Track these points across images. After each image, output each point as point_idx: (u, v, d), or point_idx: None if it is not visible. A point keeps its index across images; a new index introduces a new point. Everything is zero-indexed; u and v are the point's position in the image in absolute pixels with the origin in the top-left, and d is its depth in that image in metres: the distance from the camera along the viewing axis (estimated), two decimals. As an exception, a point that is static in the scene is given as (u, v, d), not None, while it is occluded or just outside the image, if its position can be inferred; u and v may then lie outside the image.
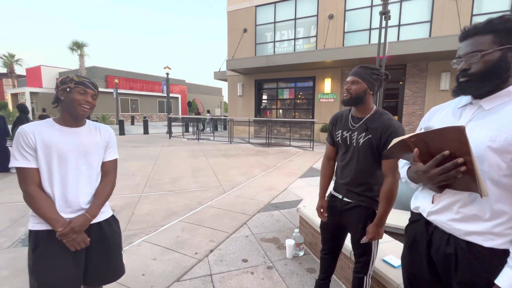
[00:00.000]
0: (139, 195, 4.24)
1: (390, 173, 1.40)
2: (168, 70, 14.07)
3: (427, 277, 0.98)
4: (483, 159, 0.80)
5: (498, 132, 0.79)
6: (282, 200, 4.08)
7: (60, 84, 1.22)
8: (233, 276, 2.20)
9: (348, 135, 1.53)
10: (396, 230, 2.35)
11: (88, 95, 1.24)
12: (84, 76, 1.26)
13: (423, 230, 0.99)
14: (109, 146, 1.39)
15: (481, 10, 8.78)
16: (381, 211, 1.41)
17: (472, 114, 0.89)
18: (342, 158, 1.59)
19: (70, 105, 1.21)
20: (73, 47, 21.87)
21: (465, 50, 0.88)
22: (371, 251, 1.52)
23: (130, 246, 2.64)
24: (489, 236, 0.81)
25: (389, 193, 1.39)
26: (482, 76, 0.84)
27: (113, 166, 1.41)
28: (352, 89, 1.44)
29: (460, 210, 0.86)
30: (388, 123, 1.40)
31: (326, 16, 11.00)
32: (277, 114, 13.41)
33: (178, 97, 30.52)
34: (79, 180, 1.25)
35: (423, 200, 1.00)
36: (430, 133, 0.78)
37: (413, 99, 10.02)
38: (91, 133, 1.31)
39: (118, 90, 20.25)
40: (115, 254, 1.36)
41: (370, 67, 1.46)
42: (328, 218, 1.68)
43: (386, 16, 5.84)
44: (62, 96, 1.21)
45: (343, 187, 1.59)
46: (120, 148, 8.90)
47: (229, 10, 13.29)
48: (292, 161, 7.17)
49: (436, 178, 0.79)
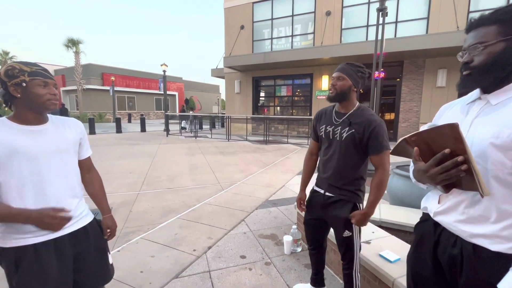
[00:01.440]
0: (137, 193, 4.23)
1: (379, 167, 1.47)
2: (165, 68, 13.97)
3: (431, 277, 0.95)
4: (486, 156, 0.77)
5: (502, 128, 0.75)
6: (280, 197, 4.10)
7: (6, 78, 0.98)
8: (231, 272, 2.21)
9: (331, 129, 1.57)
10: (392, 225, 2.38)
11: (50, 86, 1.06)
12: (32, 63, 1.06)
13: (431, 230, 0.97)
14: (84, 142, 1.27)
15: (477, 7, 8.80)
16: (371, 199, 1.47)
17: (479, 110, 0.85)
18: (325, 152, 1.64)
19: (35, 103, 1.03)
20: (68, 44, 21.60)
21: (469, 42, 0.84)
22: (353, 246, 1.56)
23: (128, 243, 2.64)
24: (497, 240, 0.77)
25: (379, 183, 1.46)
26: (484, 69, 0.80)
27: (91, 161, 1.34)
28: (338, 85, 1.50)
29: (465, 210, 0.83)
30: (371, 118, 1.46)
31: (323, 12, 10.97)
32: (274, 111, 13.40)
33: (175, 95, 30.39)
34: (57, 184, 1.09)
35: (431, 200, 0.98)
36: (429, 132, 0.76)
37: (410, 96, 10.06)
38: (59, 129, 1.14)
39: (114, 88, 20.11)
40: (103, 256, 1.28)
41: (355, 64, 1.52)
42: (310, 213, 1.73)
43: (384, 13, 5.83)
44: (16, 94, 1.00)
45: (325, 181, 1.63)
46: (118, 146, 8.88)
47: (226, 6, 13.20)
48: (289, 158, 7.19)
49: (436, 177, 0.76)
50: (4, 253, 1.03)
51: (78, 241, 1.16)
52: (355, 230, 1.55)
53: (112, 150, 8.08)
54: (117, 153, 7.54)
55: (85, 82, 22.28)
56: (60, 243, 1.10)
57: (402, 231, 2.33)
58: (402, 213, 2.55)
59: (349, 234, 1.54)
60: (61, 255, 1.10)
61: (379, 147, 1.43)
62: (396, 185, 2.94)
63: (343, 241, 1.57)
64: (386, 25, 5.95)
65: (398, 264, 1.71)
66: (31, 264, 1.03)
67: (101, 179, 1.38)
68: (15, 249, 1.02)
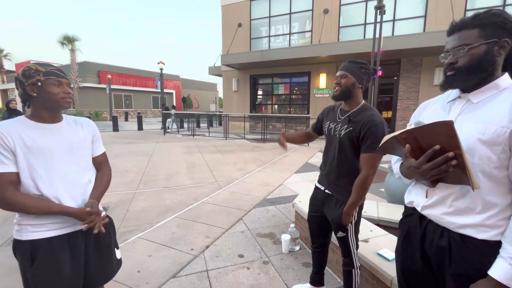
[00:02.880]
0: (134, 192, 4.20)
1: (365, 167, 1.43)
2: (162, 65, 13.88)
3: (420, 270, 0.99)
4: (473, 152, 0.81)
5: (487, 125, 0.80)
6: (278, 196, 4.10)
7: (24, 78, 1.06)
8: (229, 271, 2.21)
9: (333, 126, 1.58)
10: (390, 224, 2.38)
11: (64, 85, 1.13)
12: (47, 63, 1.13)
13: (416, 224, 1.00)
14: (96, 140, 1.32)
15: (474, 5, 8.84)
16: (351, 200, 1.46)
17: (461, 108, 0.90)
18: (326, 149, 1.66)
19: (49, 101, 1.10)
20: (63, 42, 21.35)
21: (452, 44, 0.89)
22: (349, 244, 1.57)
23: (125, 243, 2.62)
24: (482, 228, 0.82)
25: (360, 185, 1.43)
26: (468, 70, 0.86)
27: (104, 158, 1.38)
28: (342, 82, 1.49)
29: (453, 203, 0.87)
30: (370, 118, 1.43)
31: (321, 10, 10.94)
32: (272, 110, 13.38)
33: (172, 93, 30.23)
34: (71, 181, 1.15)
35: (417, 195, 1.01)
36: (420, 129, 0.79)
37: (407, 94, 10.09)
38: (72, 128, 1.21)
39: (111, 86, 19.95)
40: (111, 252, 1.33)
41: (358, 61, 1.51)
42: (313, 208, 1.75)
43: (381, 11, 5.83)
44: (32, 93, 1.07)
45: (325, 178, 1.64)
46: (115, 145, 8.81)
47: (224, 4, 13.12)
48: (287, 156, 7.18)
49: (428, 173, 0.80)
50: (20, 246, 1.08)
51: (89, 237, 1.21)
52: (350, 230, 1.55)
53: (109, 148, 7.98)
54: (114, 151, 7.49)
55: (81, 80, 22.06)
56: (73, 238, 1.15)
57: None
58: (400, 212, 2.55)
59: (343, 234, 1.55)
60: (74, 249, 1.15)
61: (370, 147, 1.39)
62: (393, 184, 2.94)
63: (339, 240, 1.60)
64: (383, 23, 5.96)
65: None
66: (45, 257, 1.07)
67: (110, 177, 1.38)
68: (30, 242, 1.07)
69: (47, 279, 1.07)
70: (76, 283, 1.15)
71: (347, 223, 1.50)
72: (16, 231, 1.09)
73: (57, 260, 1.09)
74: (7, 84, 25.70)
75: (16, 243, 1.09)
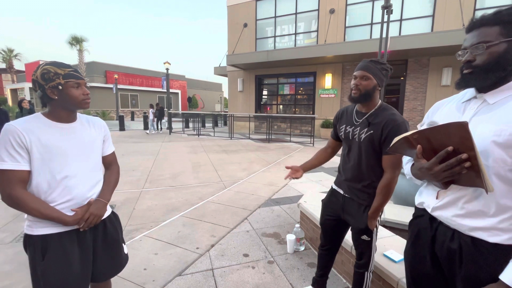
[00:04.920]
0: (140, 191, 4.24)
1: (389, 169, 1.38)
2: (168, 66, 13.98)
3: (430, 272, 0.98)
4: (488, 154, 0.79)
5: (503, 127, 0.77)
6: (283, 196, 4.10)
7: (43, 81, 1.07)
8: (234, 270, 2.21)
9: (351, 130, 1.51)
10: (397, 225, 2.36)
11: (82, 86, 1.15)
12: (63, 64, 1.13)
13: (427, 226, 0.98)
14: (106, 139, 1.36)
15: (484, 5, 8.69)
16: (375, 205, 1.42)
17: (477, 109, 0.87)
18: (344, 153, 1.59)
19: (70, 103, 1.12)
20: (72, 42, 21.70)
21: (471, 41, 0.85)
22: (371, 248, 1.52)
23: (131, 241, 2.65)
24: (495, 232, 0.80)
25: (385, 189, 1.38)
26: (486, 68, 0.82)
27: (113, 157, 1.42)
28: (362, 85, 1.39)
29: (465, 205, 0.85)
30: (391, 118, 1.36)
31: (327, 10, 10.90)
32: (277, 110, 13.37)
33: (178, 93, 30.43)
34: (83, 179, 1.18)
35: (428, 196, 0.99)
36: (432, 130, 0.77)
37: (414, 95, 9.98)
38: (85, 127, 1.24)
39: (117, 86, 20.16)
40: (118, 247, 1.36)
41: (380, 61, 1.42)
42: (329, 212, 1.68)
43: (388, 11, 5.78)
44: (53, 96, 1.09)
45: (344, 183, 1.58)
46: (121, 144, 8.91)
47: (229, 4, 13.16)
48: (292, 156, 7.17)
49: (440, 174, 0.78)
50: (31, 241, 1.10)
51: (97, 234, 1.24)
52: (374, 234, 1.51)
53: (115, 148, 8.08)
54: (121, 151, 7.58)
55: (89, 80, 22.40)
56: (82, 234, 1.18)
57: (406, 230, 2.29)
58: (406, 213, 2.53)
59: (368, 239, 1.49)
60: (83, 244, 1.18)
61: None
62: (399, 185, 2.91)
63: (361, 243, 1.53)
64: (390, 23, 5.90)
65: (403, 264, 1.68)
66: (56, 251, 1.10)
67: (118, 175, 1.43)
68: (41, 237, 1.09)
69: (57, 273, 1.10)
70: (85, 276, 1.19)
71: (373, 227, 1.46)
72: (27, 226, 1.11)
73: (67, 254, 1.12)
74: (17, 84, 26.18)
75: (27, 238, 1.11)
